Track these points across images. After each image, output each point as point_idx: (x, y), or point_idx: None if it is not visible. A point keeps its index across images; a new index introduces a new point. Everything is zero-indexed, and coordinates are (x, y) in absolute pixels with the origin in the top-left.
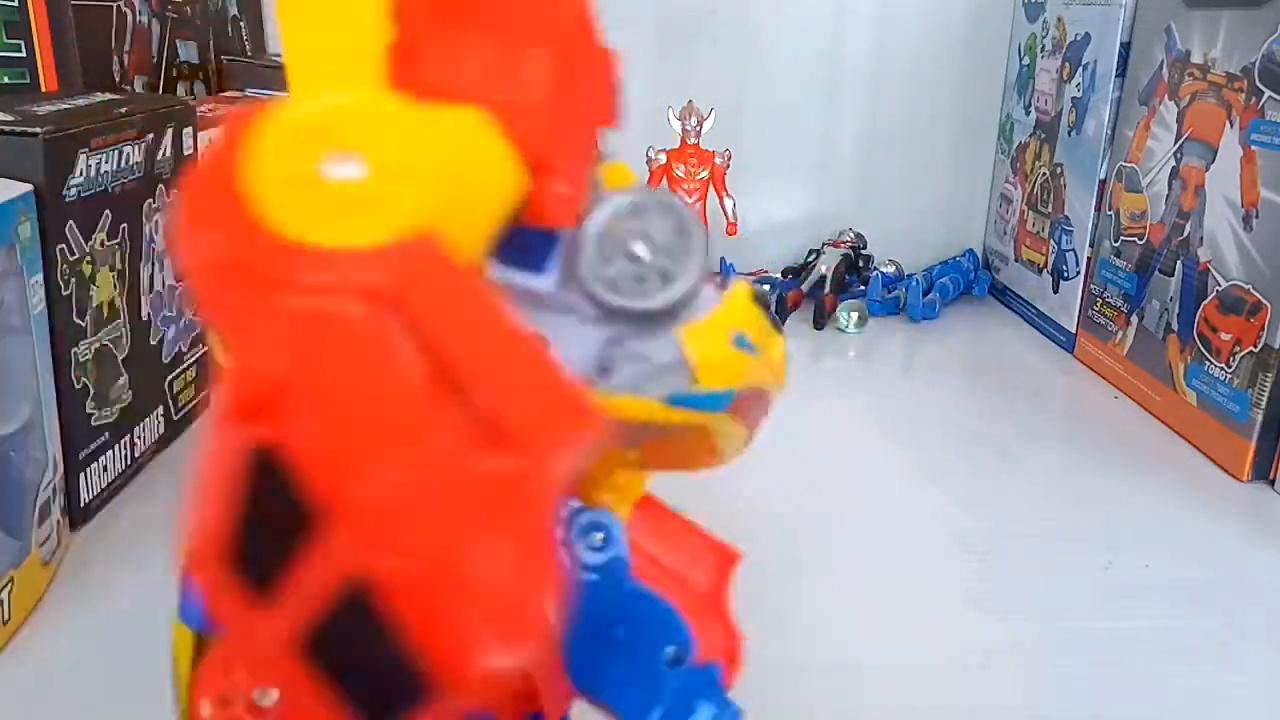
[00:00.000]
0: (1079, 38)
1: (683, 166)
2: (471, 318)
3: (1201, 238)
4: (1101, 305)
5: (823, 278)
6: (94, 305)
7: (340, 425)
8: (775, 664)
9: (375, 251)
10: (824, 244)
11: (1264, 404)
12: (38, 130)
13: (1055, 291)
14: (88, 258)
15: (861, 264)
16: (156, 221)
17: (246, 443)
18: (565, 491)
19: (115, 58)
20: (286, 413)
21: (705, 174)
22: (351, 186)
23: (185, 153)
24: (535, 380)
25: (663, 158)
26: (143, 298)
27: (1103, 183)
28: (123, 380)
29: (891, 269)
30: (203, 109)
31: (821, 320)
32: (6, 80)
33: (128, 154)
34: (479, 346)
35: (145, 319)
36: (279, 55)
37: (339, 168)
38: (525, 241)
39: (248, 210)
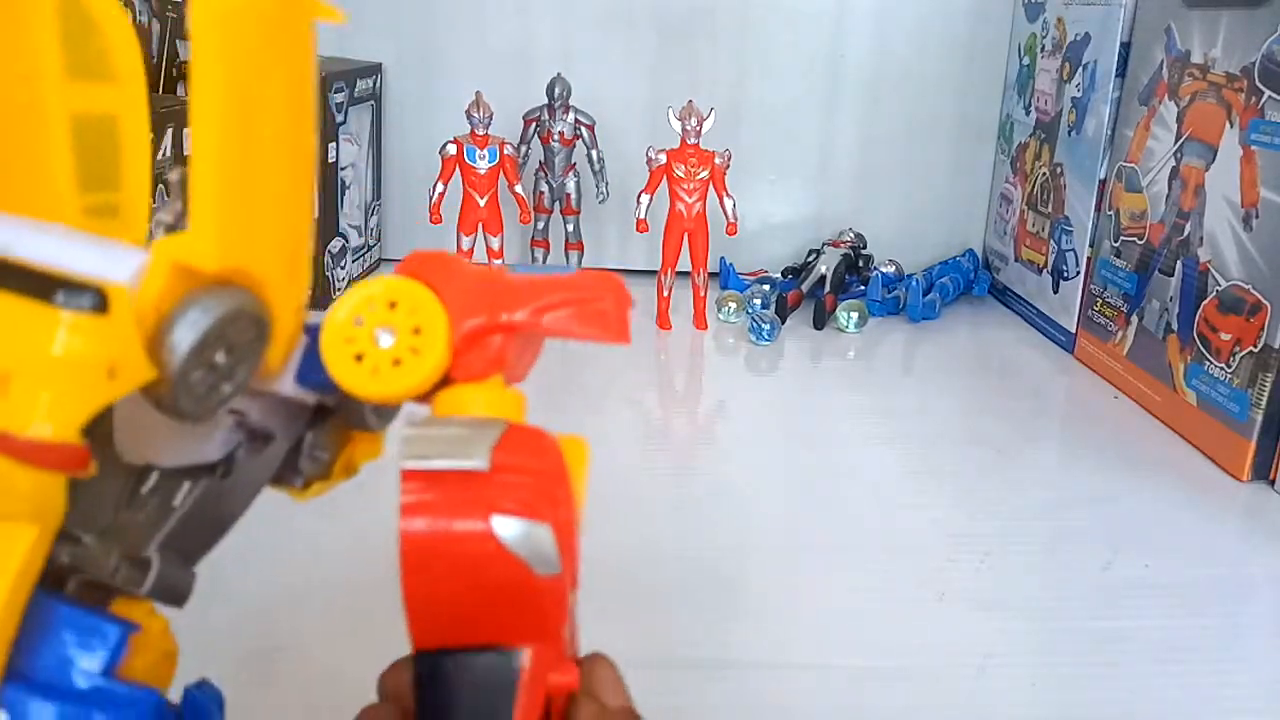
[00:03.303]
0: (1079, 38)
1: (683, 166)
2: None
3: (1201, 238)
4: (1101, 305)
5: (823, 278)
6: None
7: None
8: (775, 664)
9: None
10: (824, 244)
11: (1264, 404)
12: None
13: (1055, 291)
14: None
15: (861, 264)
16: (156, 221)
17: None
18: None
19: None
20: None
21: (705, 174)
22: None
23: (185, 153)
24: None
25: (663, 158)
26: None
27: (1103, 183)
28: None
29: (891, 269)
30: None
31: (821, 320)
32: None
33: None
34: None
35: None
36: None
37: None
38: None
39: None
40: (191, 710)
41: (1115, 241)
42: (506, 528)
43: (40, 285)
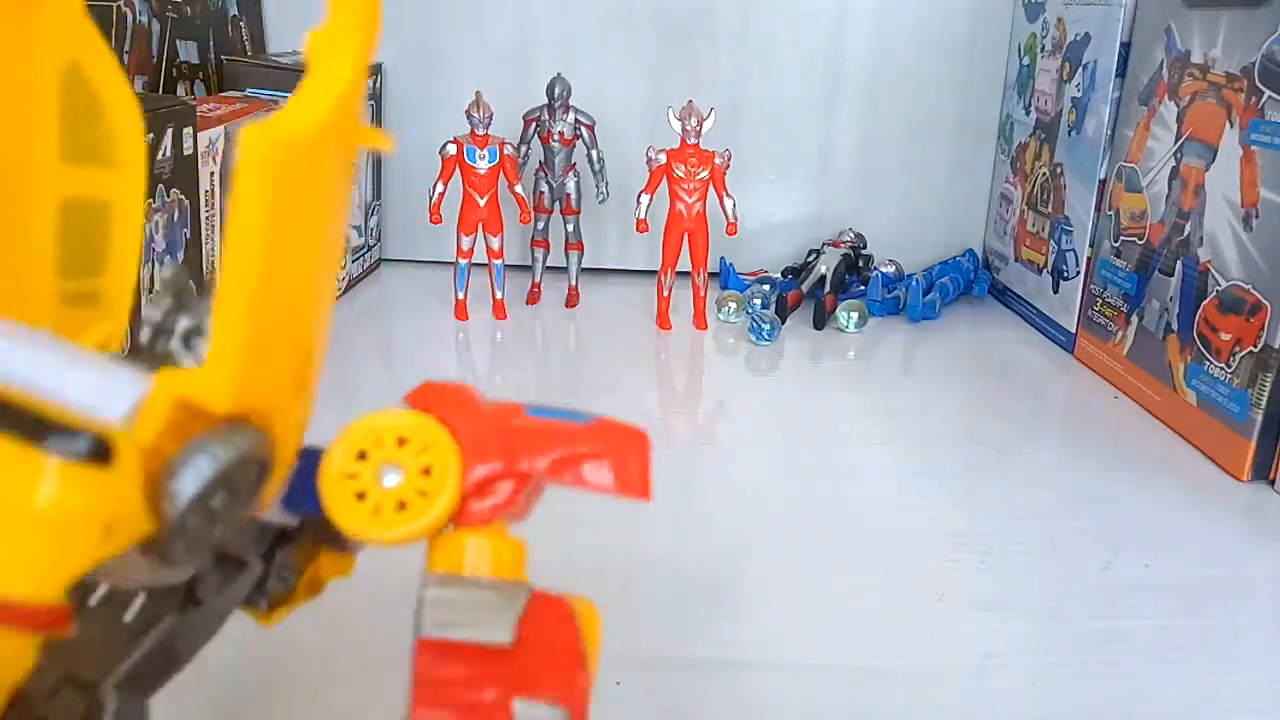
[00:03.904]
0: (1079, 38)
1: (683, 166)
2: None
3: (1201, 238)
4: (1101, 305)
5: (823, 278)
6: None
7: None
8: (776, 664)
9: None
10: (824, 244)
11: (1264, 404)
12: None
13: (1055, 291)
14: None
15: (861, 264)
16: (156, 221)
17: None
18: None
19: (115, 58)
20: None
21: (705, 174)
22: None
23: (185, 153)
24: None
25: (663, 158)
26: (143, 297)
27: (1103, 183)
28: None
29: (891, 269)
30: (203, 109)
31: (821, 320)
32: None
33: None
34: None
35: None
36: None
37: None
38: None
39: None
40: None
41: (1115, 241)
42: (527, 712)
43: (36, 427)
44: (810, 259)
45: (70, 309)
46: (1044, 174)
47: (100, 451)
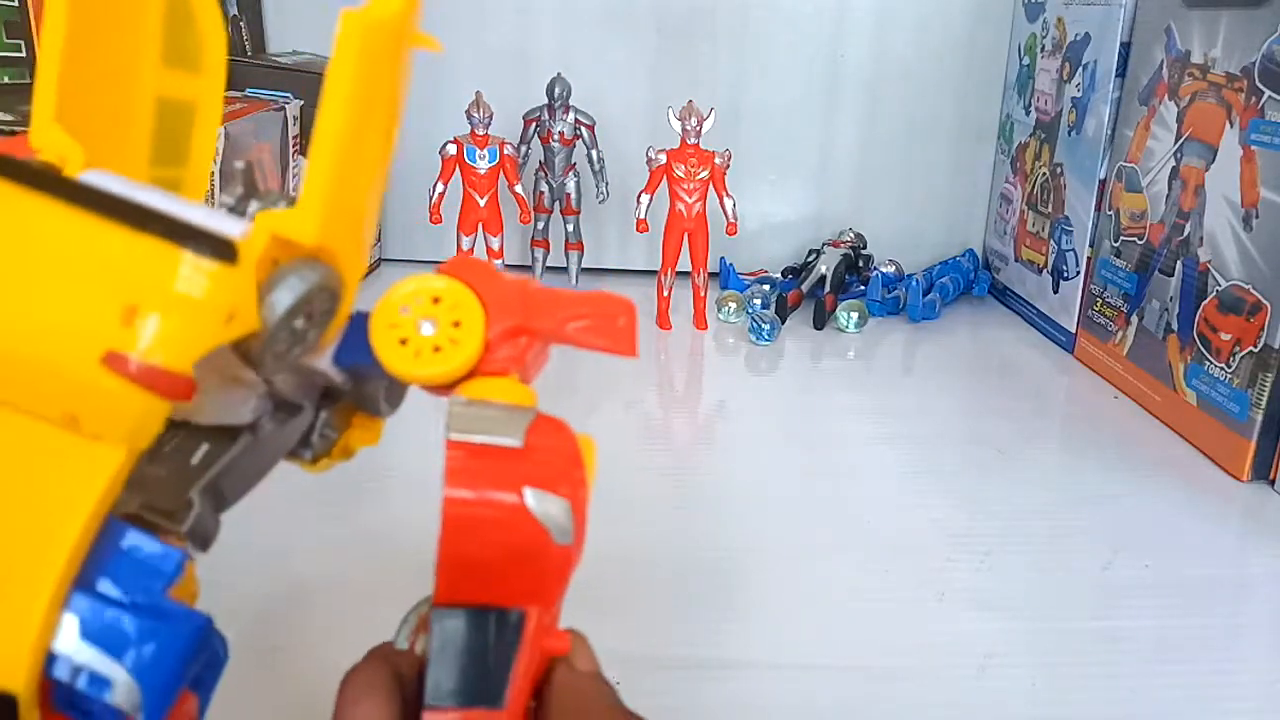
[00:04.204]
0: (1079, 38)
1: (683, 166)
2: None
3: (1201, 238)
4: (1101, 305)
5: (823, 278)
6: None
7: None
8: (775, 664)
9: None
10: (824, 244)
11: (1264, 404)
12: None
13: (1055, 291)
14: None
15: (861, 264)
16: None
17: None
18: None
19: None
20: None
21: (705, 174)
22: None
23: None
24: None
25: (663, 158)
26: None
27: (1103, 183)
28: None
29: (891, 269)
30: None
31: (821, 320)
32: (6, 80)
33: None
34: None
35: None
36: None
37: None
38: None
39: None
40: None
41: (1115, 241)
42: (535, 499)
43: (183, 232)
44: (810, 259)
45: None
46: (1044, 174)
47: (233, 255)
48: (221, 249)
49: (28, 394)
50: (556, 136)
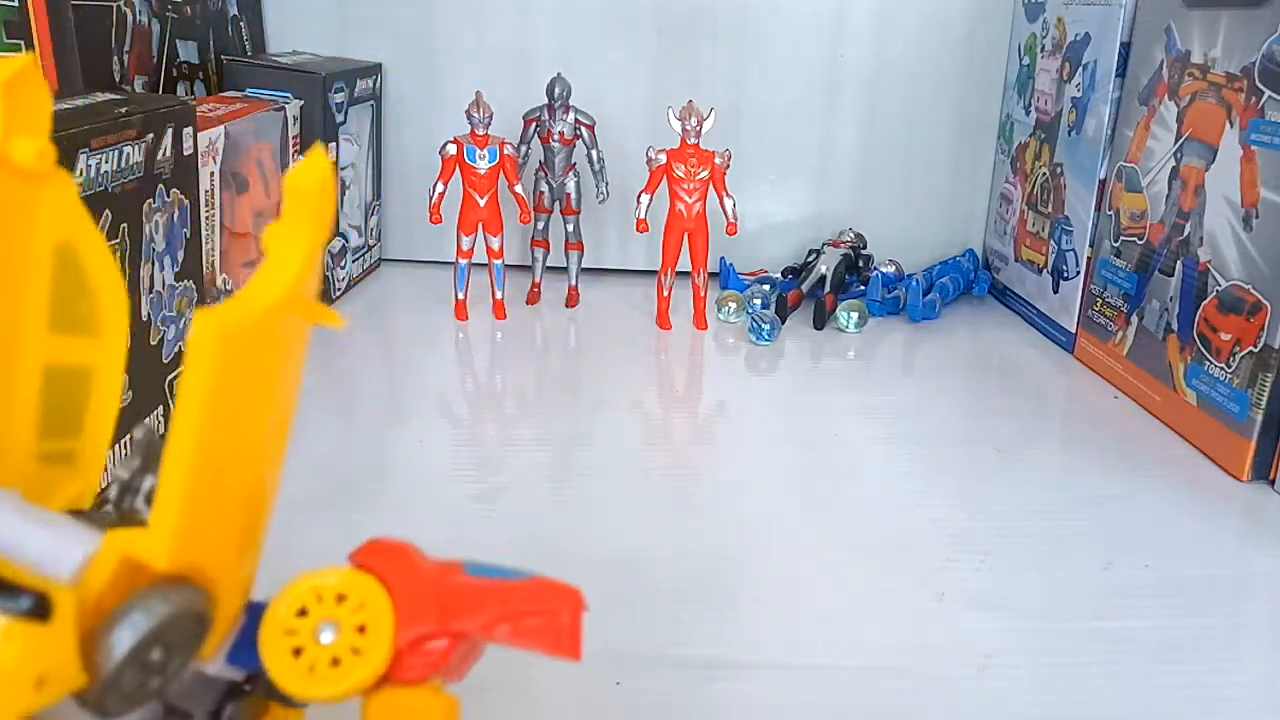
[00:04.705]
0: (1079, 38)
1: (683, 166)
2: None
3: (1201, 238)
4: (1101, 305)
5: (823, 278)
6: None
7: None
8: (775, 664)
9: None
10: (824, 244)
11: (1264, 404)
12: None
13: (1055, 291)
14: None
15: (861, 264)
16: (156, 221)
17: None
18: None
19: (115, 58)
20: None
21: (705, 174)
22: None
23: (185, 153)
24: None
25: (663, 158)
26: (143, 297)
27: (1103, 183)
28: (123, 380)
29: (891, 269)
30: (203, 109)
31: (821, 320)
32: None
33: (128, 154)
34: None
35: (145, 319)
36: (279, 55)
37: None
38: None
39: None
40: None
41: (1115, 241)
42: None
43: None
44: (810, 259)
45: (46, 467)
46: (1044, 174)
47: (39, 608)
48: (32, 604)
49: None
50: (556, 136)
